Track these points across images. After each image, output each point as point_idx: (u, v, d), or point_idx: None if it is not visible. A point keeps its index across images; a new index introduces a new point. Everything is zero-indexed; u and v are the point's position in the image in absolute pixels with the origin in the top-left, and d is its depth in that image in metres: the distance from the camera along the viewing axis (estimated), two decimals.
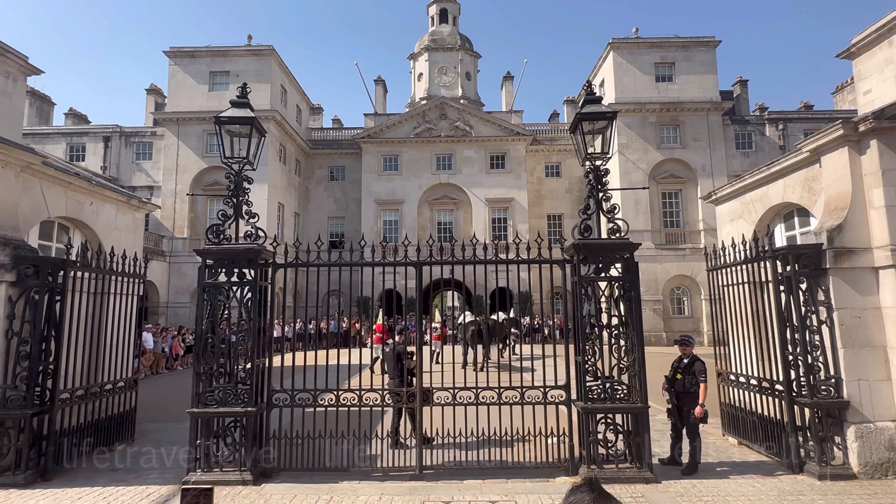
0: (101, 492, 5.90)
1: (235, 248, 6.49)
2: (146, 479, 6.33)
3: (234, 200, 6.76)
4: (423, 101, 35.62)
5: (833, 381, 6.19)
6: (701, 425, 6.50)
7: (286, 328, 18.29)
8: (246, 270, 6.47)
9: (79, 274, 6.93)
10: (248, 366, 6.34)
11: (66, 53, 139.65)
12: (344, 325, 21.03)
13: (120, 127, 31.64)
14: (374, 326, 15.01)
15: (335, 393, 6.54)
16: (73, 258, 6.91)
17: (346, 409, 6.53)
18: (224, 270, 6.47)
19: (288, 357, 8.56)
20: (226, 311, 6.53)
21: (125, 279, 7.76)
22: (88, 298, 7.14)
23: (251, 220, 6.69)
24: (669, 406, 6.78)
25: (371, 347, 14.46)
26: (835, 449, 6.15)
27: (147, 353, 16.69)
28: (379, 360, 12.33)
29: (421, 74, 39.36)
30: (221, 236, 6.58)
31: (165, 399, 11.87)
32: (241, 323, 6.43)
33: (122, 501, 5.62)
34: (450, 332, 18.36)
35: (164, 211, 28.79)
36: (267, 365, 6.64)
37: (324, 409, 6.55)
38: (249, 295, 6.44)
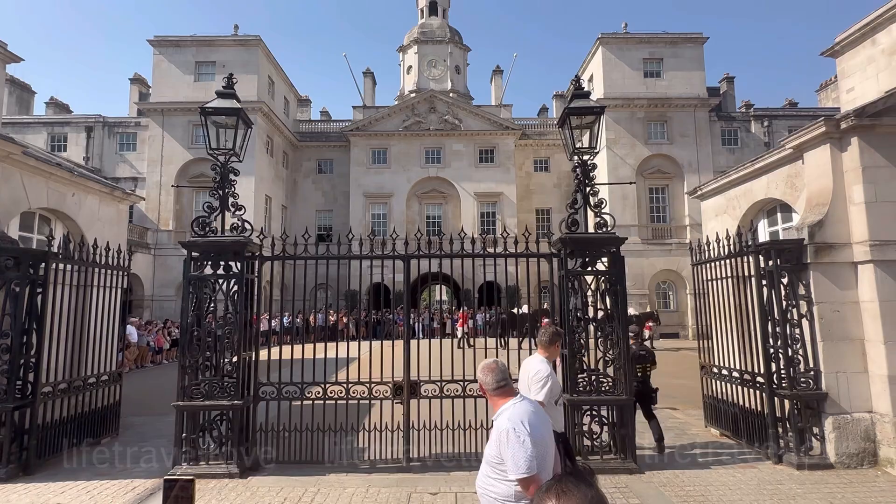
0: (85, 485, 5.85)
1: (221, 241, 6.44)
2: (131, 472, 6.28)
3: (221, 192, 6.69)
4: (413, 94, 35.46)
5: (812, 373, 6.33)
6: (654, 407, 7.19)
7: (273, 322, 18.19)
8: (232, 263, 6.42)
9: (61, 266, 6.82)
10: (235, 359, 6.31)
11: (46, 41, 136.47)
12: (332, 319, 20.97)
13: (103, 117, 31.07)
14: (460, 314, 20.69)
15: (322, 386, 6.53)
16: (55, 250, 6.80)
17: (334, 402, 6.53)
18: (210, 263, 6.42)
19: (275, 350, 8.54)
20: (212, 304, 6.48)
21: (109, 272, 7.66)
22: (71, 291, 7.03)
23: (237, 213, 6.63)
24: None
25: (454, 329, 19.06)
26: (813, 439, 6.29)
27: (131, 347, 16.51)
28: (464, 338, 16.11)
29: (410, 67, 39.15)
30: (207, 229, 6.52)
31: (150, 393, 11.76)
32: (227, 316, 6.38)
33: (107, 495, 5.57)
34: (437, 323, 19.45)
35: (149, 203, 28.37)
36: (253, 358, 6.61)
37: (311, 402, 6.55)
38: (236, 288, 6.39)
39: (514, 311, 18.20)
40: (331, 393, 6.56)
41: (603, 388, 6.24)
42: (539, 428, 2.55)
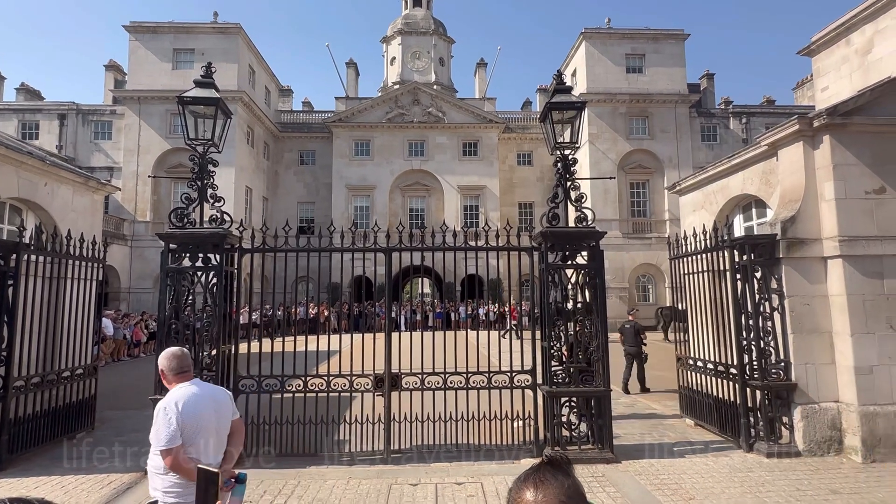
0: (60, 480, 5.76)
1: (200, 233, 6.35)
2: (107, 467, 6.20)
3: (199, 183, 6.58)
4: (396, 86, 35.21)
5: (783, 364, 6.52)
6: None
7: (254, 314, 18.03)
8: (211, 255, 6.34)
9: (33, 258, 6.66)
10: (214, 352, 6.25)
11: (16, 24, 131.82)
12: (312, 312, 20.86)
13: (77, 104, 30.21)
14: (510, 308, 21.26)
15: (303, 379, 6.52)
16: (27, 241, 6.63)
17: (315, 395, 6.52)
18: (188, 255, 6.33)
19: (255, 344, 8.46)
20: (190, 297, 6.40)
21: (83, 263, 7.50)
22: (44, 283, 6.88)
23: (217, 204, 6.55)
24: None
25: (507, 321, 20.07)
26: (782, 428, 6.49)
27: (108, 340, 16.20)
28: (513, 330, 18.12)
29: (394, 58, 38.83)
30: (185, 220, 6.42)
31: (127, 387, 11.57)
32: (206, 309, 6.31)
33: (82, 490, 5.50)
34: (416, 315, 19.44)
35: (126, 193, 27.77)
36: (233, 351, 6.56)
37: (291, 395, 6.53)
38: (215, 280, 6.32)
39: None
40: (312, 386, 6.54)
41: (581, 380, 6.34)
42: (193, 409, 2.79)
